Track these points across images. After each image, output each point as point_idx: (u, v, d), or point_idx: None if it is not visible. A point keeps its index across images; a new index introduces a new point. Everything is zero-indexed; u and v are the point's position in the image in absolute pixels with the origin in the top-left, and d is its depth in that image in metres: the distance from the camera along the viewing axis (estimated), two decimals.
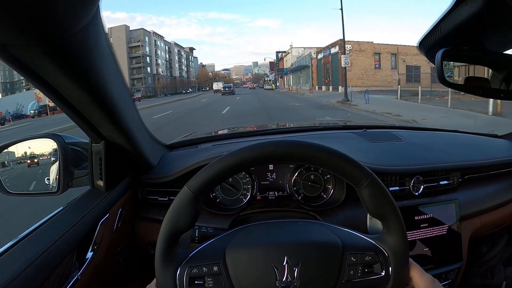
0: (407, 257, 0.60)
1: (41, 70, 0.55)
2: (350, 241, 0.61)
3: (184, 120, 12.60)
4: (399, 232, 0.59)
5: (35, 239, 0.70)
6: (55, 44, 0.48)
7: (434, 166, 1.11)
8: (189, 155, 1.14)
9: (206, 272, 0.57)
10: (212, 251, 0.60)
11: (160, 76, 77.47)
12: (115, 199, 0.92)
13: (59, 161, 0.90)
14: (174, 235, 0.58)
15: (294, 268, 0.57)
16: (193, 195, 0.57)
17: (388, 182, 1.07)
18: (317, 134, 1.45)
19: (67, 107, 0.69)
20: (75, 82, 0.60)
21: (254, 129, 1.67)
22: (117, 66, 0.73)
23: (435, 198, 1.09)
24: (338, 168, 0.59)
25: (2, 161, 0.96)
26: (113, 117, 0.77)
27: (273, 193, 1.09)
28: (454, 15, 0.60)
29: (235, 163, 0.58)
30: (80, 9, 0.44)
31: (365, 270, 0.58)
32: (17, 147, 0.95)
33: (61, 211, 0.83)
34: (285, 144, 0.59)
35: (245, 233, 0.65)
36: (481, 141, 1.42)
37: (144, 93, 63.27)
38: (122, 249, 0.96)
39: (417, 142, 1.31)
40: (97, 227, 0.84)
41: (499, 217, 1.20)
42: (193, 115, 15.11)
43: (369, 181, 0.58)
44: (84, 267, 0.78)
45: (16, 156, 0.96)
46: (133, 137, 0.88)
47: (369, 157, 1.07)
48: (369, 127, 1.48)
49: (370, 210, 0.60)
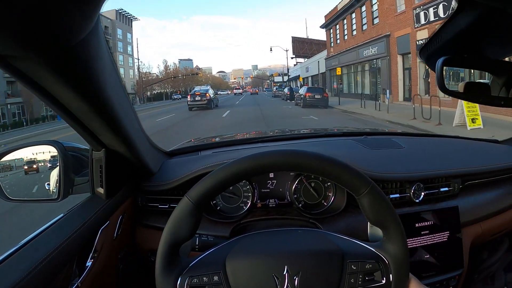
0: (408, 265, 0.60)
1: (42, 80, 0.55)
2: (350, 249, 0.61)
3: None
4: (400, 240, 0.59)
5: (35, 247, 0.70)
6: (55, 56, 0.48)
7: (435, 173, 1.11)
8: (190, 162, 1.14)
9: (207, 282, 0.57)
10: (212, 261, 0.60)
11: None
12: (115, 206, 0.92)
13: (59, 168, 0.90)
14: (174, 246, 0.58)
15: (294, 278, 0.57)
16: (193, 206, 0.57)
17: (388, 189, 1.07)
18: (317, 141, 1.45)
19: (68, 116, 0.69)
20: (76, 92, 0.60)
21: (254, 136, 1.67)
22: (117, 75, 0.74)
23: (435, 205, 1.09)
24: (338, 176, 0.59)
25: (3, 168, 0.96)
26: (113, 126, 0.77)
27: (274, 200, 1.09)
28: (454, 24, 0.61)
29: (236, 173, 0.58)
30: (80, 21, 0.44)
31: (366, 278, 0.58)
32: (18, 154, 0.95)
33: (61, 218, 0.83)
34: (285, 153, 0.59)
35: (245, 242, 0.65)
36: (482, 147, 1.42)
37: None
38: (122, 256, 0.96)
39: (418, 149, 1.31)
40: (97, 235, 0.84)
41: (500, 223, 1.20)
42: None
43: (368, 190, 0.58)
44: (84, 275, 0.77)
45: (16, 162, 0.96)
46: (134, 145, 0.88)
47: (369, 164, 1.07)
48: (370, 133, 1.48)
49: (370, 218, 0.60)
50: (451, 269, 1.07)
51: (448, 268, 1.07)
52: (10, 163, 0.95)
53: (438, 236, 1.06)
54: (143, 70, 57.26)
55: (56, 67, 0.51)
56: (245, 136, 1.80)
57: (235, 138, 1.75)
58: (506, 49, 0.73)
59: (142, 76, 55.18)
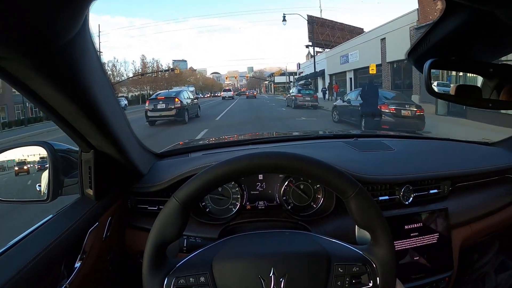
0: (395, 268, 0.60)
1: (28, 81, 0.55)
2: (337, 252, 0.62)
3: None
4: (387, 243, 0.60)
5: (23, 248, 0.70)
6: (42, 57, 0.48)
7: (424, 175, 1.11)
8: (179, 164, 1.14)
9: (193, 283, 0.57)
10: (199, 262, 0.61)
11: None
12: (104, 208, 0.92)
13: (48, 169, 0.90)
14: (161, 246, 0.58)
15: (280, 280, 0.57)
16: (180, 206, 0.58)
17: (377, 192, 1.07)
18: (308, 143, 1.45)
19: (56, 117, 0.69)
20: (63, 94, 0.60)
21: (244, 138, 1.67)
22: (105, 77, 0.73)
23: (425, 207, 1.09)
24: (325, 179, 0.59)
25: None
26: (102, 127, 0.77)
27: (263, 202, 1.08)
28: (442, 26, 0.62)
29: (222, 174, 0.59)
30: (66, 22, 0.44)
31: (353, 281, 0.59)
32: (8, 154, 0.95)
33: (50, 219, 0.83)
34: (271, 156, 0.59)
35: (233, 244, 0.65)
36: (472, 149, 1.43)
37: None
38: (111, 258, 0.95)
39: (408, 151, 1.32)
40: (86, 236, 0.83)
41: (490, 224, 1.20)
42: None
43: (356, 193, 0.59)
44: (72, 276, 0.77)
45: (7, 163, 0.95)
46: (123, 147, 0.88)
47: (359, 166, 1.07)
48: (360, 136, 1.49)
49: (357, 221, 0.61)
50: (440, 271, 1.08)
51: (437, 270, 1.07)
52: (2, 163, 0.95)
53: (427, 238, 1.06)
54: (109, 66, 43.43)
55: (42, 68, 0.51)
56: (236, 138, 1.80)
57: (225, 140, 1.75)
58: (494, 51, 0.73)
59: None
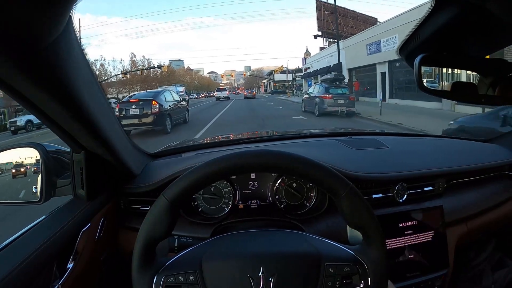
0: (386, 269, 0.60)
1: (14, 83, 0.55)
2: (328, 252, 0.61)
3: None
4: (378, 243, 0.59)
5: (15, 249, 0.70)
6: (26, 58, 0.48)
7: (418, 173, 1.10)
8: (173, 164, 1.13)
9: (182, 281, 0.57)
10: (188, 260, 0.61)
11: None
12: (97, 208, 0.91)
13: (41, 170, 0.89)
14: (150, 244, 0.58)
15: (269, 279, 0.57)
16: (169, 204, 0.57)
17: (371, 190, 1.06)
18: (301, 142, 1.44)
19: (45, 118, 0.69)
20: (49, 95, 0.60)
21: (239, 137, 1.66)
22: (93, 76, 0.73)
23: (420, 205, 1.09)
24: (316, 178, 0.59)
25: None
26: (91, 128, 0.76)
27: (256, 201, 1.08)
28: (432, 21, 0.61)
29: (211, 172, 0.58)
30: (49, 24, 0.44)
31: (344, 281, 0.58)
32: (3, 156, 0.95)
33: (42, 220, 0.83)
34: (260, 154, 0.59)
35: (223, 243, 0.65)
36: (467, 146, 1.42)
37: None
38: (104, 258, 0.95)
39: (402, 149, 1.31)
40: (78, 237, 0.83)
41: (486, 222, 1.20)
42: None
43: (347, 192, 0.58)
44: (65, 277, 0.77)
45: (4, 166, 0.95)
46: (114, 147, 0.88)
47: (353, 164, 1.06)
48: (354, 134, 1.48)
49: (349, 221, 0.60)
50: (436, 269, 1.07)
51: (433, 268, 1.07)
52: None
53: (422, 236, 1.06)
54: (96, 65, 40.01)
55: (26, 69, 0.51)
56: (229, 137, 1.79)
57: (220, 139, 1.75)
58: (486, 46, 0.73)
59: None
